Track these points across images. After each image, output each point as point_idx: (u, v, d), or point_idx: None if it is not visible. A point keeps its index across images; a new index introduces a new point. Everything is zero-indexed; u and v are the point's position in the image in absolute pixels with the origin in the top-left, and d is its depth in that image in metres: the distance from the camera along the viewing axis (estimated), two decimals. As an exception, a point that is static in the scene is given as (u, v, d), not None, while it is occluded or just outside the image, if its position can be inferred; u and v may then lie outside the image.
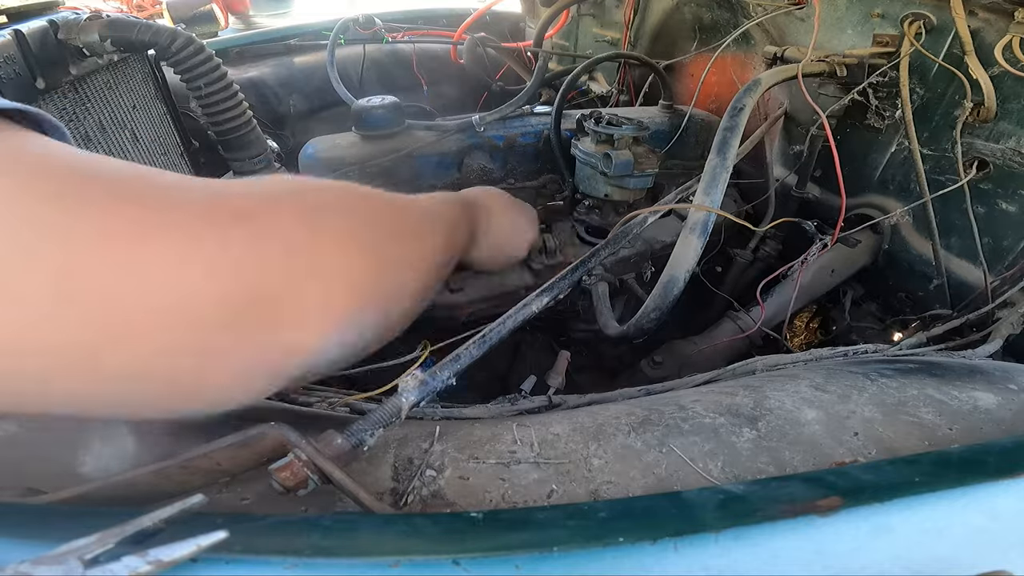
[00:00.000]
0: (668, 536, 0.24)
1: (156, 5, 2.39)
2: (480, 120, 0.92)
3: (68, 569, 0.19)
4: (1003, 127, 0.69)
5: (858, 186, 0.89)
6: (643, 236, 0.83)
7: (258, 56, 1.39)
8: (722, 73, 1.08)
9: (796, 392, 0.43)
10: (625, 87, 1.30)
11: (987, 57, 0.67)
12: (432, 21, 1.64)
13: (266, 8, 3.34)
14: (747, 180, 1.03)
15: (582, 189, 0.87)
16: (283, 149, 1.04)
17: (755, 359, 0.57)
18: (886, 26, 0.79)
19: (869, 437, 0.38)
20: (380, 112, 0.87)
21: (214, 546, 0.21)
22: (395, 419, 0.37)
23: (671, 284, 0.60)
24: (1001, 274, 0.73)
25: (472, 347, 0.48)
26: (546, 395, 0.52)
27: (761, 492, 0.28)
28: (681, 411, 0.41)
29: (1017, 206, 0.71)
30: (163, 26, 0.74)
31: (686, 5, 1.14)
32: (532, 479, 0.35)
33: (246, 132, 0.83)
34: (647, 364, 0.86)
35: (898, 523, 0.26)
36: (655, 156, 0.81)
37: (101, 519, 0.23)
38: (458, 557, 0.23)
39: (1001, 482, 0.28)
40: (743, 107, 0.66)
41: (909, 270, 0.86)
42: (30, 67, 0.65)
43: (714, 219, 0.60)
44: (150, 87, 0.94)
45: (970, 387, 0.44)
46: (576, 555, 0.23)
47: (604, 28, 1.42)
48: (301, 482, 0.30)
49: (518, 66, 1.53)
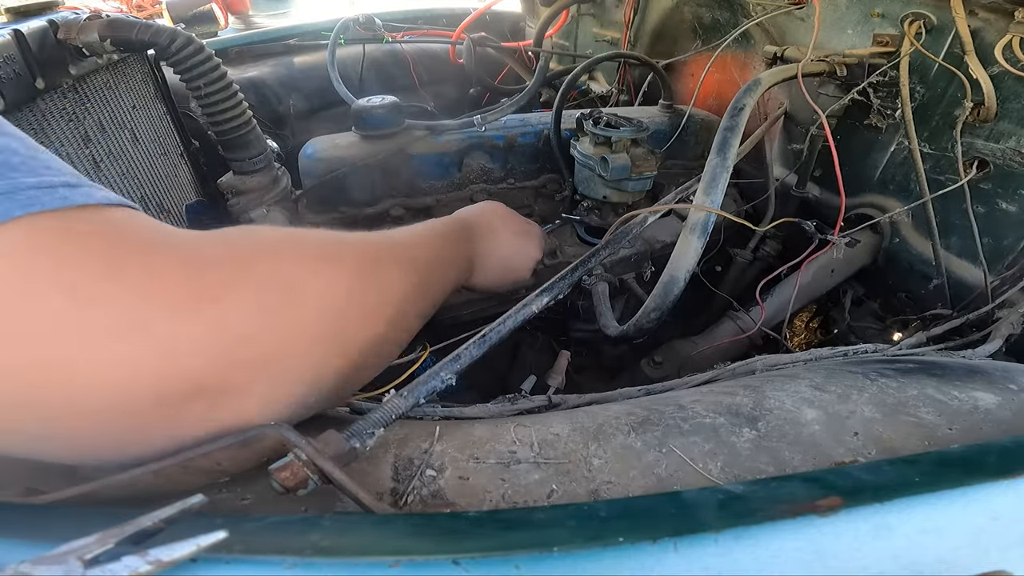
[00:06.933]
0: (668, 536, 0.24)
1: (156, 5, 2.39)
2: (480, 120, 0.92)
3: (68, 569, 0.19)
4: (1003, 127, 0.69)
5: (858, 186, 0.89)
6: (643, 236, 0.83)
7: (258, 56, 1.39)
8: (722, 73, 1.08)
9: (796, 392, 0.43)
10: (625, 87, 1.30)
11: (987, 57, 0.67)
12: (432, 21, 1.64)
13: (266, 8, 3.33)
14: (747, 180, 1.03)
15: (581, 190, 0.87)
16: (283, 149, 1.04)
17: (755, 359, 0.57)
18: (886, 26, 0.79)
19: (869, 437, 0.38)
20: (380, 112, 0.87)
21: (214, 546, 0.21)
22: (395, 419, 0.37)
23: (671, 284, 0.60)
24: (1001, 274, 0.73)
25: (472, 347, 0.48)
26: (546, 395, 0.52)
27: (761, 492, 0.28)
28: (681, 411, 0.41)
29: (1017, 206, 0.71)
30: (163, 26, 0.74)
31: (686, 5, 1.14)
32: (532, 479, 0.35)
33: (246, 132, 0.82)
34: (647, 364, 0.86)
35: (898, 523, 0.26)
36: (654, 157, 0.81)
37: (101, 519, 0.23)
38: (458, 557, 0.23)
39: (1001, 482, 0.28)
40: (743, 107, 0.66)
41: (909, 270, 0.86)
42: (30, 67, 0.65)
43: (714, 219, 0.60)
44: (150, 87, 0.94)
45: (970, 387, 0.44)
46: (576, 555, 0.23)
47: (604, 28, 1.42)
48: (301, 482, 0.30)
49: (518, 66, 1.53)
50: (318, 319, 0.33)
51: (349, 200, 0.90)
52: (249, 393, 0.29)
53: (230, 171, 0.87)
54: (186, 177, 1.03)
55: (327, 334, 0.33)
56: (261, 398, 0.30)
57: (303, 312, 0.32)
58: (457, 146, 0.93)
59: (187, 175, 1.03)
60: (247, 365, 0.29)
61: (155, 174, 0.91)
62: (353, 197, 0.90)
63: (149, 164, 0.89)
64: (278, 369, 0.30)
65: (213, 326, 0.28)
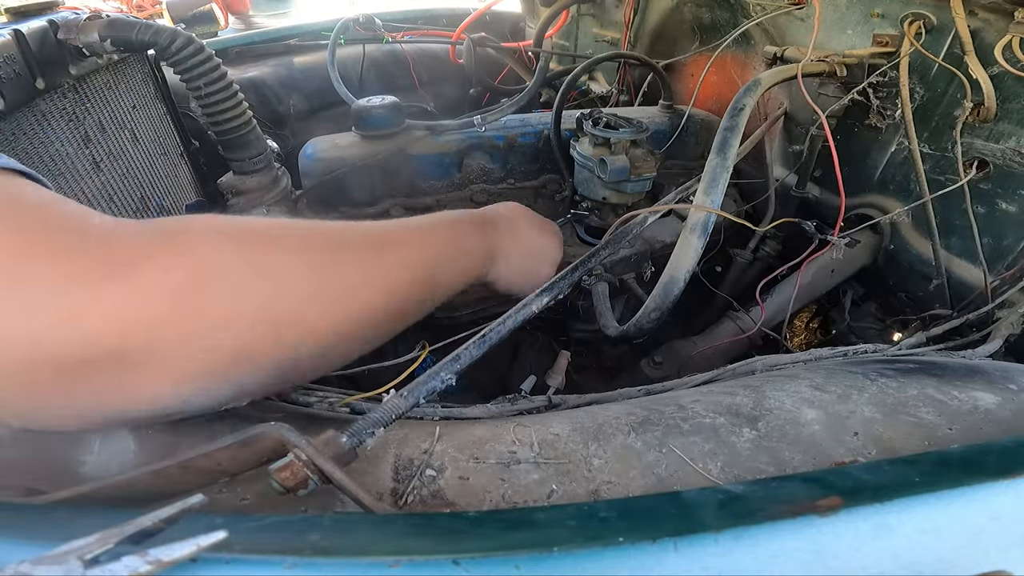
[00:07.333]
0: (668, 536, 0.24)
1: (156, 5, 2.39)
2: (480, 120, 0.92)
3: (68, 569, 0.19)
4: (1003, 127, 0.69)
5: (858, 186, 0.89)
6: (643, 236, 0.83)
7: (258, 56, 1.39)
8: (722, 73, 1.08)
9: (796, 392, 0.43)
10: (625, 87, 1.30)
11: (987, 57, 0.67)
12: (432, 21, 1.64)
13: (266, 8, 3.33)
14: (747, 180, 1.03)
15: (580, 191, 0.87)
16: (283, 149, 1.04)
17: (755, 359, 0.57)
18: (886, 26, 0.79)
19: (869, 437, 0.38)
20: (380, 112, 0.87)
21: (214, 546, 0.21)
22: (395, 419, 0.37)
23: (671, 284, 0.60)
24: (1001, 274, 0.73)
25: (472, 347, 0.48)
26: (546, 395, 0.52)
27: (761, 492, 0.28)
28: (681, 411, 0.41)
29: (1017, 206, 0.71)
30: (163, 26, 0.74)
31: (686, 5, 1.14)
32: (532, 479, 0.35)
33: (246, 132, 0.82)
34: (647, 364, 0.86)
35: (898, 523, 0.26)
36: (654, 158, 0.80)
37: (101, 519, 0.23)
38: (458, 557, 0.23)
39: (1001, 482, 0.28)
40: (743, 107, 0.66)
41: (909, 270, 0.86)
42: (30, 67, 0.65)
43: (714, 219, 0.60)
44: (150, 87, 0.94)
45: (970, 387, 0.44)
46: (576, 555, 0.23)
47: (604, 28, 1.42)
48: (301, 482, 0.30)
49: (518, 66, 1.53)
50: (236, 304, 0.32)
51: (349, 200, 0.90)
52: (158, 370, 0.29)
53: (230, 171, 0.87)
54: (186, 177, 1.03)
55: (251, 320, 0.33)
56: (170, 376, 0.30)
57: (218, 296, 0.32)
58: (457, 146, 0.93)
59: (187, 175, 1.03)
60: (154, 341, 0.29)
61: (155, 174, 0.91)
62: (353, 197, 0.90)
63: (149, 164, 0.89)
64: (191, 348, 0.30)
65: (120, 300, 0.28)
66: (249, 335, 0.33)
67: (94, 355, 0.27)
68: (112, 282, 0.28)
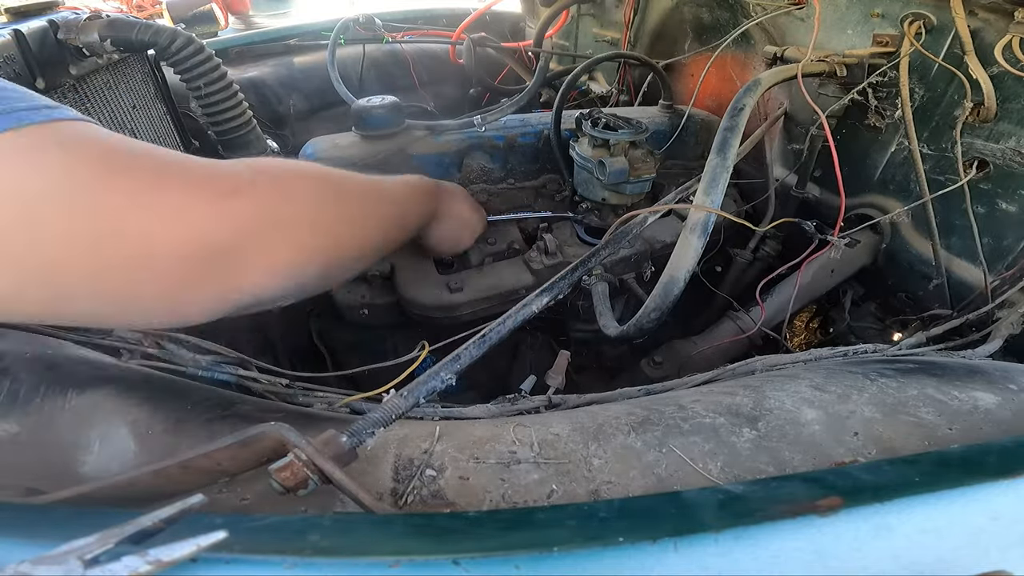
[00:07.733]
0: (668, 536, 0.24)
1: (156, 5, 2.39)
2: (480, 120, 0.92)
3: (68, 569, 0.19)
4: (1003, 127, 0.69)
5: (858, 186, 0.89)
6: (643, 236, 0.83)
7: (258, 56, 1.39)
8: (722, 73, 1.08)
9: (796, 392, 0.43)
10: (625, 87, 1.30)
11: (987, 57, 0.67)
12: (432, 21, 1.64)
13: (266, 8, 3.34)
14: (747, 180, 1.03)
15: (580, 192, 0.87)
16: (283, 149, 1.04)
17: (755, 359, 0.57)
18: (886, 26, 0.79)
19: (869, 437, 0.38)
20: (380, 112, 0.87)
21: (214, 546, 0.21)
22: (395, 419, 0.37)
23: (671, 284, 0.60)
24: (1001, 274, 0.73)
25: (472, 347, 0.48)
26: (546, 395, 0.52)
27: (761, 492, 0.28)
28: (681, 411, 0.41)
29: (1017, 206, 0.71)
30: (163, 26, 0.74)
31: (686, 5, 1.14)
32: (532, 479, 0.35)
33: (246, 132, 0.83)
34: (647, 364, 0.86)
35: (898, 523, 0.26)
36: (654, 159, 0.80)
37: (101, 519, 0.23)
38: (458, 557, 0.23)
39: (1001, 482, 0.28)
40: (743, 107, 0.66)
41: (909, 270, 0.86)
42: (30, 67, 0.65)
43: (714, 219, 0.60)
44: (150, 87, 0.94)
45: (970, 387, 0.44)
46: (576, 555, 0.23)
47: (604, 28, 1.42)
48: (301, 482, 0.30)
49: (518, 66, 1.53)
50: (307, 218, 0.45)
51: (349, 200, 0.90)
52: (254, 264, 0.40)
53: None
54: (186, 177, 1.03)
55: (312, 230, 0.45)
56: (263, 268, 0.41)
57: (297, 212, 0.44)
58: (457, 146, 0.93)
59: (187, 175, 1.03)
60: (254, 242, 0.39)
61: (155, 174, 0.91)
62: (353, 197, 0.90)
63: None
64: (276, 249, 0.41)
65: (229, 213, 0.38)
66: (314, 241, 0.45)
67: (214, 252, 0.37)
68: (225, 200, 0.38)
